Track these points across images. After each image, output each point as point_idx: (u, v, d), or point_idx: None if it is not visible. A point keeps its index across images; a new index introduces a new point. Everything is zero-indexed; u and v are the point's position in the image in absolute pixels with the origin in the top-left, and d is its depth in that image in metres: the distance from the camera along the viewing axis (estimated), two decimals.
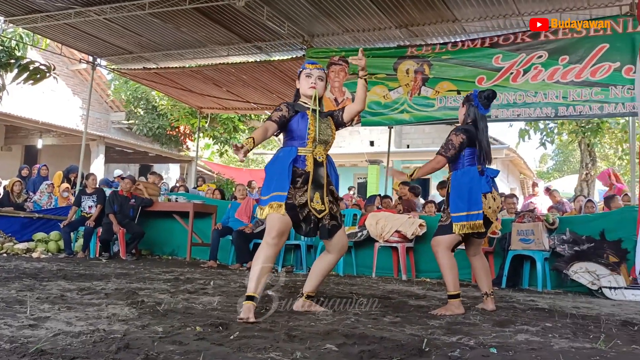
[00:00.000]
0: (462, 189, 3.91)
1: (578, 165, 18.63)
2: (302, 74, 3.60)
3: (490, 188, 3.93)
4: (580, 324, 3.45)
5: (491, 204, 3.93)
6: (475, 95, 4.05)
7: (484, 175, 3.92)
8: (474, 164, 3.93)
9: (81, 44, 10.20)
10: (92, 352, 2.16)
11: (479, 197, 3.85)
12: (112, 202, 8.07)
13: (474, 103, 4.03)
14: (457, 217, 3.88)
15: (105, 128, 19.04)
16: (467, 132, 3.94)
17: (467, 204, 3.85)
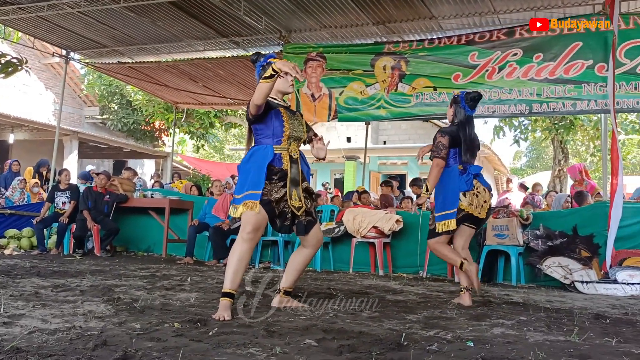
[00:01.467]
0: (440, 189, 4.16)
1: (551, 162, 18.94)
2: None
3: (470, 186, 4.08)
4: (554, 318, 3.52)
5: (473, 200, 4.09)
6: (462, 96, 4.27)
7: (465, 173, 4.10)
8: (456, 162, 4.14)
9: (54, 37, 10.01)
10: (69, 350, 2.13)
11: (456, 197, 4.04)
12: (86, 198, 7.95)
13: (461, 104, 4.26)
14: (438, 216, 4.12)
15: (78, 123, 18.74)
16: (451, 134, 4.16)
17: (442, 204, 4.10)
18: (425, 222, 6.89)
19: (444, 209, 4.08)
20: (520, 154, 37.93)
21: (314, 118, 8.40)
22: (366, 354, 2.29)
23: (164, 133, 19.50)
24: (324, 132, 19.87)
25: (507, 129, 14.29)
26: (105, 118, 19.13)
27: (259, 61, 3.55)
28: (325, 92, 8.23)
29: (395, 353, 2.33)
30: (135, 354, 2.12)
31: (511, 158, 38.98)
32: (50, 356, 2.02)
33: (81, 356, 2.04)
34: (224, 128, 19.52)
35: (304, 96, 8.36)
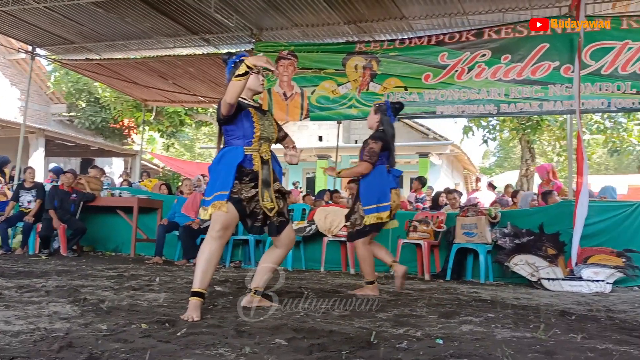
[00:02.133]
0: (372, 185, 4.46)
1: (519, 162, 19.27)
2: None
3: (396, 184, 4.51)
4: (521, 314, 3.58)
5: (395, 199, 4.50)
6: (388, 106, 4.66)
7: (390, 173, 4.50)
8: (384, 163, 4.50)
9: (19, 33, 9.77)
10: (32, 352, 2.08)
11: (388, 191, 4.45)
12: (52, 197, 7.79)
13: (387, 113, 4.62)
14: (368, 209, 4.42)
15: (45, 120, 18.35)
16: (383, 139, 4.51)
17: (376, 198, 4.42)
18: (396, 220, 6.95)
19: (379, 202, 4.41)
20: (489, 154, 38.53)
21: (286, 117, 8.38)
22: (336, 352, 2.29)
23: (133, 131, 19.23)
24: (296, 130, 19.89)
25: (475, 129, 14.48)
26: (72, 116, 18.78)
27: (230, 59, 3.52)
28: (297, 91, 8.22)
29: (365, 351, 2.34)
30: (101, 356, 2.08)
31: (480, 157, 39.58)
32: (14, 358, 1.97)
33: (45, 358, 2.00)
34: (194, 126, 19.34)
35: (276, 95, 8.33)
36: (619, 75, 6.47)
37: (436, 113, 7.45)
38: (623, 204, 6.54)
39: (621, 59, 6.48)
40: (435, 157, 17.79)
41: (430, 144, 17.70)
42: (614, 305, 4.38)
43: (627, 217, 6.21)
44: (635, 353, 2.45)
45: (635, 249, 5.81)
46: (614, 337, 2.83)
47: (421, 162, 17.23)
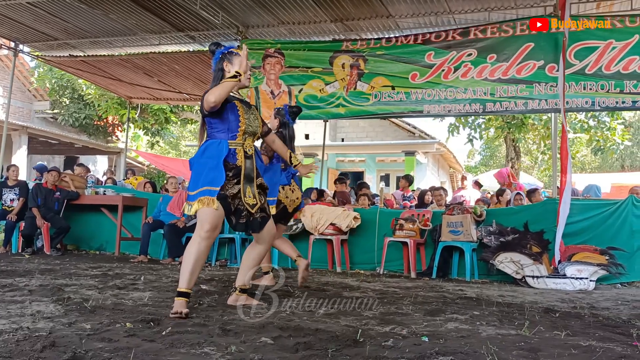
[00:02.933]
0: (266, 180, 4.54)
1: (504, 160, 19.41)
2: (237, 60, 3.39)
3: (288, 182, 4.72)
4: (506, 312, 3.60)
5: (289, 194, 4.71)
6: (286, 110, 4.89)
7: (286, 171, 4.70)
8: (279, 162, 4.71)
9: (2, 29, 9.62)
10: (15, 352, 2.06)
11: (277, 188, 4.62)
12: (35, 195, 7.70)
13: (285, 117, 4.85)
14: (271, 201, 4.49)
15: (28, 118, 18.14)
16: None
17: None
18: (383, 219, 6.97)
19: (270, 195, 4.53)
20: (474, 152, 38.74)
21: None
22: (322, 351, 2.29)
23: (118, 128, 19.07)
24: None
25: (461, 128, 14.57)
26: (56, 113, 18.57)
27: (218, 49, 3.46)
28: (285, 90, 8.21)
29: (351, 349, 2.34)
30: (85, 355, 2.06)
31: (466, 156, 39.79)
32: None
33: (28, 358, 1.97)
34: (180, 124, 19.23)
35: (263, 93, 8.31)
36: (603, 75, 6.54)
37: (423, 112, 7.49)
38: (606, 202, 6.61)
39: (605, 59, 6.55)
40: (421, 156, 17.86)
41: (416, 142, 17.76)
42: (598, 302, 4.42)
43: (610, 215, 6.27)
44: (618, 350, 2.48)
45: (619, 247, 5.88)
46: (597, 334, 2.86)
47: (407, 160, 17.29)
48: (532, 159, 24.68)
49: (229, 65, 3.38)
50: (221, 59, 3.41)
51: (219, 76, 3.38)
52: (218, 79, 3.36)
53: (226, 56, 3.41)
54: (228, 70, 3.37)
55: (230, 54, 3.42)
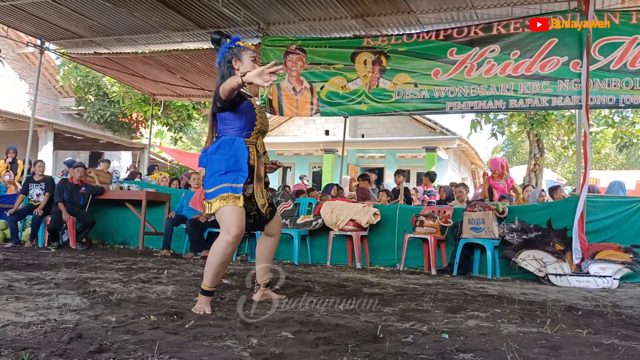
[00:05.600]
0: None
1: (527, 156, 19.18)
2: (245, 55, 3.31)
3: None
4: (528, 310, 3.58)
5: None
6: None
7: None
8: None
9: (28, 27, 9.81)
10: (43, 343, 2.11)
11: None
12: (61, 190, 7.84)
13: None
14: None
15: (53, 114, 18.43)
16: None
17: None
18: (403, 215, 6.96)
19: None
20: (498, 149, 38.36)
21: (296, 112, 8.39)
22: (342, 346, 2.31)
23: (142, 125, 19.29)
24: (302, 124, 19.91)
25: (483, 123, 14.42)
26: (81, 109, 18.85)
27: (223, 42, 3.36)
28: (307, 86, 8.23)
29: (371, 345, 2.36)
30: (110, 347, 2.11)
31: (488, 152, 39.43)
32: (25, 349, 2.00)
33: (56, 349, 2.02)
34: (202, 120, 19.37)
35: (285, 90, 8.34)
36: (628, 71, 6.43)
37: (445, 109, 7.44)
38: (631, 200, 6.51)
39: (630, 55, 6.43)
40: (442, 152, 17.75)
41: (437, 138, 17.66)
42: (621, 300, 4.37)
43: (634, 213, 6.18)
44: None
45: None
46: (620, 333, 2.84)
47: (428, 156, 17.20)
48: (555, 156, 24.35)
49: (238, 61, 3.30)
50: (229, 54, 3.30)
51: (229, 74, 3.26)
52: (228, 76, 3.21)
53: (233, 51, 3.31)
54: (237, 67, 3.28)
55: (237, 49, 3.32)
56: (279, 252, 7.19)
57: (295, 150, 19.65)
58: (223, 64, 3.31)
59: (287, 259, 7.17)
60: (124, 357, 1.98)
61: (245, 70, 3.21)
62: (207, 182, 3.17)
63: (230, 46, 3.32)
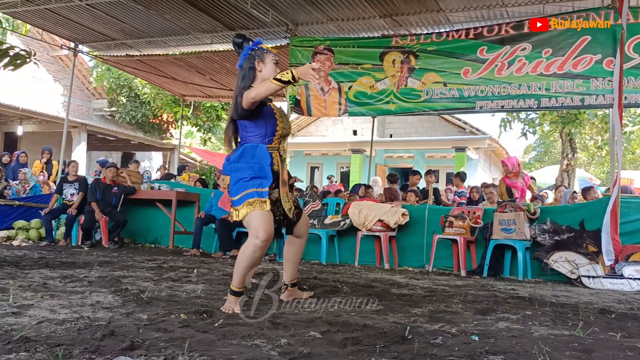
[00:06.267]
0: None
1: (559, 156, 18.85)
2: (268, 58, 3.27)
3: None
4: (560, 312, 3.52)
5: None
6: None
7: None
8: None
9: (62, 30, 10.04)
10: (77, 339, 2.16)
11: None
12: (94, 189, 8.00)
13: None
14: None
15: (87, 115, 18.81)
16: None
17: None
18: (432, 216, 6.91)
19: None
20: (530, 149, 37.79)
21: (324, 112, 8.41)
22: (370, 346, 2.30)
23: (172, 126, 19.55)
24: (330, 124, 19.91)
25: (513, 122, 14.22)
26: (113, 111, 19.20)
27: (246, 45, 3.33)
28: (335, 86, 8.23)
29: (399, 346, 2.35)
30: (142, 344, 2.14)
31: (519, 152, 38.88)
32: (59, 346, 2.04)
33: (89, 346, 2.06)
34: None
35: (313, 90, 8.36)
36: None
37: (475, 108, 7.36)
38: None
39: None
40: (472, 152, 17.56)
41: (467, 138, 17.47)
42: None
43: None
44: None
45: None
46: None
47: (457, 156, 17.03)
48: (588, 155, 23.86)
49: (261, 64, 3.25)
50: (251, 56, 3.27)
51: (250, 75, 3.23)
52: (249, 78, 3.21)
53: (256, 53, 3.28)
54: (260, 69, 3.24)
55: (260, 51, 3.29)
56: (307, 252, 7.20)
57: (323, 151, 19.67)
58: (245, 66, 3.29)
59: (315, 259, 7.18)
60: (155, 354, 2.02)
61: (267, 73, 3.23)
62: (232, 189, 3.19)
63: (253, 48, 3.30)
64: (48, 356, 1.91)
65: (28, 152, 11.49)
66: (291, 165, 19.06)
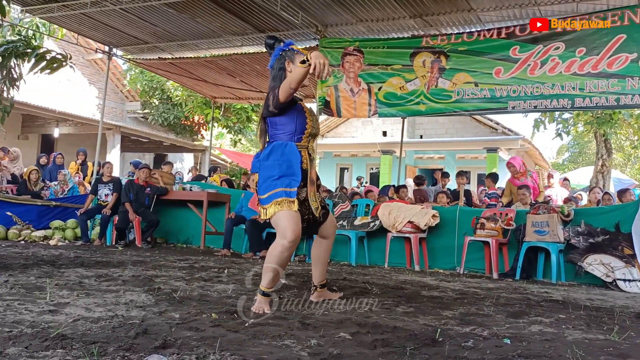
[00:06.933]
0: None
1: (593, 157, 18.45)
2: (298, 58, 3.24)
3: None
4: (594, 316, 3.45)
5: None
6: None
7: None
8: None
9: (97, 34, 10.26)
10: (111, 337, 2.21)
11: None
12: (128, 190, 8.15)
13: None
14: None
15: (120, 117, 19.16)
16: None
17: None
18: (463, 217, 6.84)
19: None
20: (564, 149, 37.09)
21: (354, 113, 8.40)
22: (400, 348, 2.30)
23: (203, 127, 19.79)
24: (360, 126, 19.86)
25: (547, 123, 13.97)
26: (146, 113, 19.53)
27: (277, 46, 3.37)
28: (364, 87, 8.23)
29: (429, 349, 2.33)
30: (174, 343, 2.18)
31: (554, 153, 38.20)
32: (94, 343, 2.09)
33: (123, 344, 2.11)
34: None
35: (343, 91, 8.37)
36: None
37: (507, 109, 7.27)
38: None
39: None
40: (504, 152, 17.30)
41: (499, 138, 17.22)
42: None
43: None
44: None
45: None
46: None
47: (489, 157, 16.81)
48: (624, 156, 23.30)
49: (291, 64, 3.26)
50: (282, 57, 3.30)
51: (280, 75, 3.26)
52: (279, 79, 3.24)
53: (287, 54, 3.31)
54: (290, 69, 3.25)
55: (291, 52, 3.31)
56: (337, 253, 7.22)
57: (353, 152, 19.64)
58: (276, 66, 3.32)
59: (344, 260, 7.18)
60: (187, 352, 2.05)
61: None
62: (260, 187, 3.22)
63: (284, 49, 3.33)
64: (83, 353, 1.96)
65: (64, 153, 11.75)
66: (320, 166, 19.09)
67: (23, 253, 5.93)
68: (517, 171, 7.69)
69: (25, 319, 2.50)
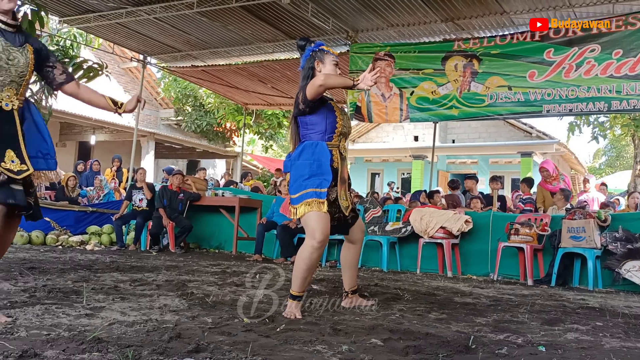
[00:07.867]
0: None
1: (631, 161, 17.99)
2: (327, 58, 3.29)
3: None
4: (633, 324, 3.36)
5: None
6: None
7: None
8: None
9: (132, 43, 10.49)
10: (146, 341, 2.24)
11: None
12: (161, 196, 8.28)
13: None
14: None
15: (155, 124, 19.50)
16: None
17: None
18: (496, 223, 6.74)
19: None
20: (600, 153, 36.27)
21: (386, 118, 8.38)
22: (433, 355, 2.27)
23: (235, 134, 20.00)
24: (391, 130, 19.80)
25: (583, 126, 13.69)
26: (179, 120, 19.84)
27: (308, 47, 3.38)
28: (396, 92, 8.20)
29: (462, 356, 2.30)
30: (207, 347, 2.20)
31: (591, 157, 37.39)
32: (129, 346, 2.13)
33: (157, 347, 2.14)
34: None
35: (374, 96, 8.36)
36: None
37: (542, 112, 7.16)
38: None
39: None
40: (538, 157, 17.00)
41: (533, 142, 16.93)
42: None
43: None
44: None
45: None
46: None
47: (523, 162, 16.53)
48: None
49: (320, 64, 3.29)
50: (312, 57, 3.32)
51: (309, 75, 3.28)
52: (308, 78, 3.26)
53: (317, 54, 3.31)
54: (319, 69, 3.28)
55: (321, 52, 3.33)
56: (368, 259, 7.19)
57: (384, 157, 19.57)
58: (306, 66, 3.35)
59: (376, 266, 7.15)
60: (219, 357, 2.07)
61: (326, 72, 3.26)
62: (291, 187, 3.23)
63: (314, 49, 3.36)
64: (119, 357, 1.99)
65: (100, 160, 12.02)
66: (351, 171, 19.05)
67: (61, 258, 6.07)
68: (550, 175, 7.53)
69: (63, 322, 2.56)
